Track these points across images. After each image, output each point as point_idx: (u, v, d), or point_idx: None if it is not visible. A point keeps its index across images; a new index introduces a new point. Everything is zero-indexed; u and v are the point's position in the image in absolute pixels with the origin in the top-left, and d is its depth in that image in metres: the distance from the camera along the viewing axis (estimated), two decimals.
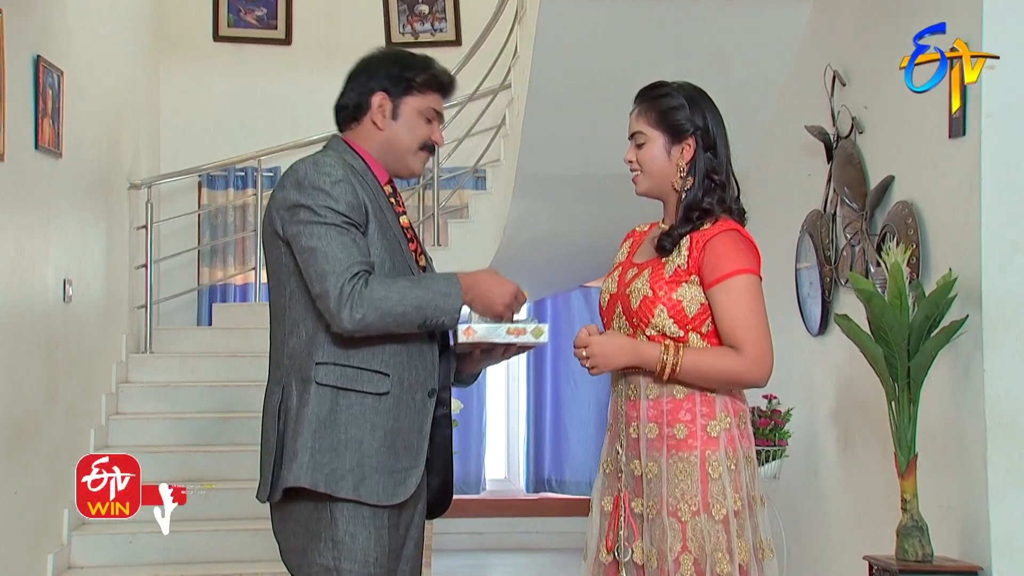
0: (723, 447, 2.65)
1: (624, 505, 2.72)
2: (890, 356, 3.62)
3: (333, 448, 2.54)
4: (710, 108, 2.78)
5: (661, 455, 2.65)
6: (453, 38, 8.27)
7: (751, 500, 2.67)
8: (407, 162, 2.74)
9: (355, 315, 2.48)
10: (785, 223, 5.60)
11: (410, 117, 2.71)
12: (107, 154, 6.04)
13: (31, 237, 4.68)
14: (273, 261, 2.64)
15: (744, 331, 2.62)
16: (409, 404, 2.62)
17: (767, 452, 5.39)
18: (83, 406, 5.57)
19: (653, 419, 2.68)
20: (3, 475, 4.37)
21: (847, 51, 4.81)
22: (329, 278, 2.49)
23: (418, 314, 2.53)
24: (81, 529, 5.38)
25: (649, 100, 2.78)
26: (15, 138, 4.42)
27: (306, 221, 2.53)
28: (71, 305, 5.28)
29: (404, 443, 2.60)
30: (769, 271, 5.98)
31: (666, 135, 2.74)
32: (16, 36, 4.44)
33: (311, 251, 2.52)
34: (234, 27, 8.20)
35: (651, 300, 2.67)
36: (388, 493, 2.57)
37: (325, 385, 2.55)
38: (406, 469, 2.60)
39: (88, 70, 5.71)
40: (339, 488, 2.53)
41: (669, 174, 2.75)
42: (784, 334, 5.84)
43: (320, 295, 2.51)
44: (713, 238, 2.67)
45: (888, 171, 4.36)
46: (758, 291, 2.69)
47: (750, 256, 2.69)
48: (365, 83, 2.71)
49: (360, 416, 2.56)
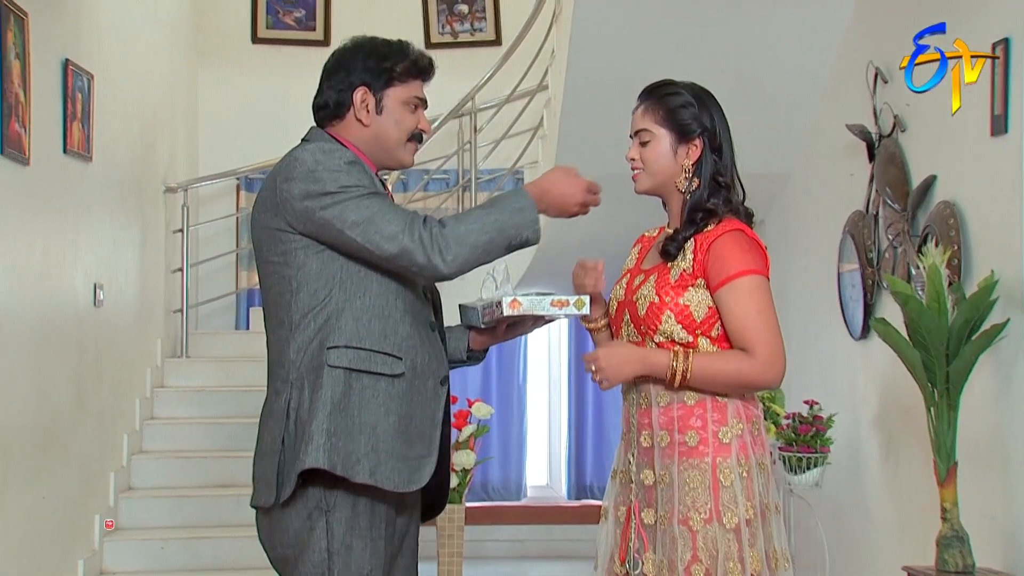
0: (735, 454, 2.61)
1: (635, 516, 2.69)
2: (928, 361, 3.55)
3: (347, 432, 2.49)
4: (717, 110, 2.75)
5: (673, 463, 2.62)
6: (493, 38, 8.25)
7: (764, 508, 2.63)
8: (396, 155, 2.69)
9: (447, 257, 2.47)
10: (827, 224, 5.53)
11: (395, 109, 2.65)
12: (141, 158, 6.07)
13: (59, 241, 4.70)
14: (275, 257, 2.58)
15: (753, 332, 2.59)
16: (421, 391, 2.59)
17: (808, 459, 5.32)
18: (116, 411, 5.60)
19: (664, 427, 2.65)
20: (31, 480, 4.39)
21: (889, 47, 4.72)
22: (401, 235, 2.46)
23: (502, 237, 2.51)
24: (113, 535, 5.41)
25: (656, 98, 2.74)
26: (42, 142, 4.45)
27: (342, 201, 2.48)
28: (102, 309, 5.30)
29: (417, 430, 2.57)
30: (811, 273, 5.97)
31: (673, 134, 2.71)
32: (43, 40, 4.46)
33: (366, 222, 2.47)
34: (272, 29, 8.23)
35: (658, 306, 2.64)
36: (404, 479, 2.53)
37: (338, 367, 2.51)
38: (420, 457, 2.57)
39: (121, 73, 5.74)
40: (355, 472, 2.48)
41: (673, 174, 2.72)
42: (826, 338, 5.78)
43: (399, 254, 2.47)
44: (717, 239, 2.64)
45: (930, 170, 4.28)
46: (765, 291, 2.64)
47: (755, 256, 2.65)
48: (344, 79, 2.64)
49: (373, 400, 2.52)
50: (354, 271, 2.55)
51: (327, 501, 2.52)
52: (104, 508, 5.38)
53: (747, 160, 6.40)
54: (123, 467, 5.70)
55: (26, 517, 4.35)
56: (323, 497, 2.52)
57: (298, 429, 2.51)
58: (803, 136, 5.98)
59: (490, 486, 8.63)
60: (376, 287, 2.56)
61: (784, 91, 5.55)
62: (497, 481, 8.64)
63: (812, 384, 6.01)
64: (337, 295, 2.54)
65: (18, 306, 4.21)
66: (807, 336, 6.23)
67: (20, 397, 4.26)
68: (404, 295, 2.59)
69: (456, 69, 7.87)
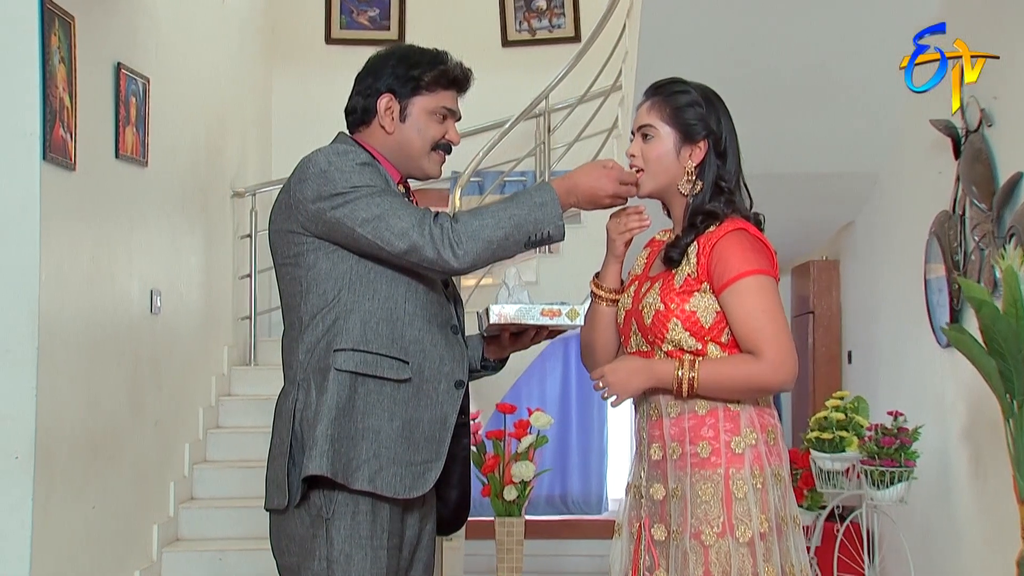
0: (748, 464, 2.57)
1: (645, 532, 2.66)
2: (1005, 370, 3.42)
3: (350, 437, 2.53)
4: (725, 114, 2.71)
5: (685, 475, 2.59)
6: (572, 35, 8.18)
7: (780, 522, 2.59)
8: (420, 165, 2.73)
9: (458, 252, 2.50)
10: (915, 226, 5.38)
11: (419, 118, 2.68)
12: (205, 162, 6.12)
13: (110, 248, 4.74)
14: (289, 259, 2.62)
15: (759, 333, 2.54)
16: (430, 394, 2.61)
17: (892, 473, 5.17)
18: (176, 420, 5.64)
19: (676, 438, 2.62)
20: (79, 489, 4.43)
21: (976, 38, 4.56)
22: (411, 231, 2.50)
23: (519, 232, 2.53)
24: (172, 545, 5.45)
25: (664, 95, 2.70)
26: (90, 147, 4.48)
27: (353, 200, 2.52)
28: (160, 316, 5.34)
29: (424, 434, 2.59)
30: (899, 277, 5.80)
31: (678, 133, 2.67)
32: (92, 44, 4.50)
33: (376, 219, 2.51)
34: (346, 29, 8.27)
35: (664, 314, 2.62)
36: (405, 486, 2.56)
37: (344, 371, 2.54)
38: (425, 462, 2.59)
39: (182, 77, 5.79)
40: (354, 479, 2.51)
41: (675, 175, 2.68)
42: (913, 346, 5.62)
43: (409, 250, 2.50)
44: (720, 240, 2.60)
45: (1018, 167, 4.12)
46: (771, 291, 2.59)
47: (760, 255, 2.60)
48: (371, 85, 2.69)
49: (378, 405, 2.55)
50: (363, 272, 2.57)
51: (327, 508, 2.54)
52: (163, 518, 5.43)
53: (833, 159, 6.31)
54: (184, 477, 5.74)
55: (75, 526, 4.39)
56: (324, 504, 2.54)
57: (303, 431, 2.54)
58: (891, 132, 5.84)
59: (570, 499, 8.56)
60: (385, 289, 2.58)
61: (870, 86, 5.41)
62: (577, 494, 8.56)
63: (898, 394, 5.84)
64: (346, 296, 2.57)
65: (64, 313, 4.25)
66: (895, 343, 6.06)
67: (67, 405, 4.30)
68: (415, 297, 2.61)
69: (533, 67, 7.87)
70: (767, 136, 5.90)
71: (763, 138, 5.90)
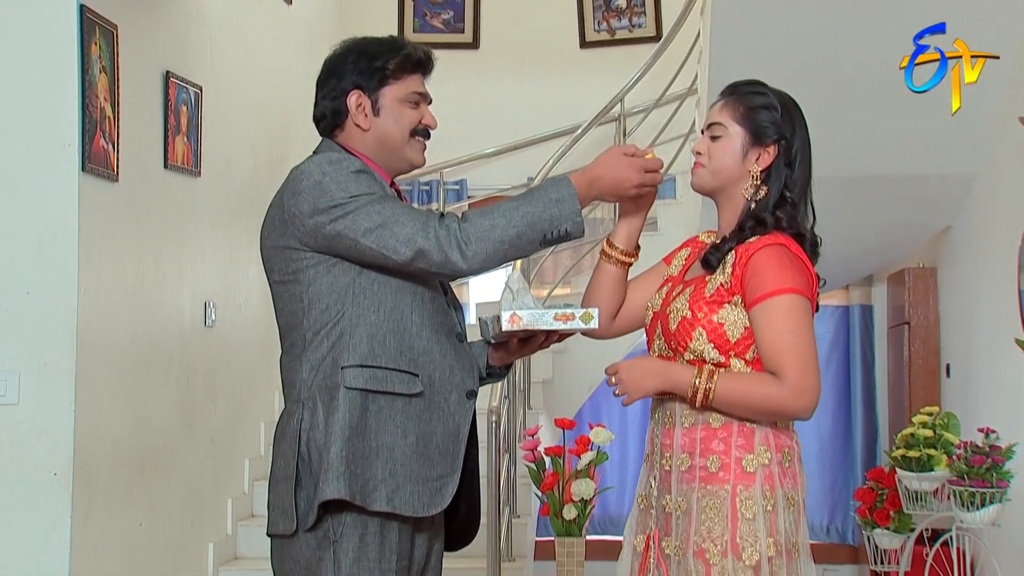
0: (759, 485, 2.51)
1: (654, 545, 2.62)
2: None
3: (364, 457, 2.51)
4: (801, 124, 2.65)
5: (692, 489, 2.54)
6: (653, 34, 8.10)
7: (791, 547, 2.52)
8: (404, 155, 2.70)
9: (467, 252, 2.48)
10: (1012, 230, 5.23)
11: (393, 108, 2.67)
12: (266, 170, 6.18)
13: (158, 260, 4.80)
14: (285, 278, 2.61)
15: (784, 357, 2.48)
16: (442, 406, 2.59)
17: (982, 494, 5.01)
18: (234, 435, 5.69)
19: (686, 449, 2.57)
20: (124, 506, 4.47)
21: None
22: (417, 236, 2.48)
23: (533, 231, 2.50)
24: (231, 564, 5.49)
25: (740, 94, 2.66)
26: (136, 158, 4.54)
27: (352, 210, 2.50)
28: (215, 329, 5.39)
29: (439, 448, 2.58)
30: (994, 286, 5.62)
31: (748, 134, 2.62)
32: (137, 53, 4.57)
33: (379, 227, 2.49)
34: (420, 32, 8.31)
35: (689, 322, 2.57)
36: (423, 503, 2.55)
37: (354, 389, 2.52)
38: (442, 476, 2.57)
39: (239, 85, 5.85)
40: (372, 500, 2.50)
41: (737, 177, 2.63)
42: (1007, 358, 5.45)
43: (417, 256, 2.48)
44: (756, 253, 2.53)
45: None
46: (803, 312, 2.52)
47: (796, 274, 2.53)
48: (336, 85, 2.68)
49: (390, 421, 2.54)
50: (367, 284, 2.56)
51: (335, 530, 2.52)
52: (220, 535, 5.47)
53: (926, 161, 6.15)
54: (244, 493, 5.78)
55: (120, 544, 4.43)
56: (331, 526, 2.52)
57: (312, 453, 2.52)
58: (987, 132, 5.69)
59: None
60: (390, 300, 2.56)
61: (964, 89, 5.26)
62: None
63: (996, 410, 5.68)
64: (350, 310, 2.55)
65: (105, 326, 4.30)
66: (991, 356, 5.89)
67: (109, 420, 4.35)
68: (421, 306, 2.59)
69: (613, 70, 7.81)
70: (853, 137, 5.78)
71: (849, 140, 5.79)
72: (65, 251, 4.07)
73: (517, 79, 8.21)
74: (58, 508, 4.03)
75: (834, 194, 6.32)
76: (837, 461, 8.24)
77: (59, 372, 4.05)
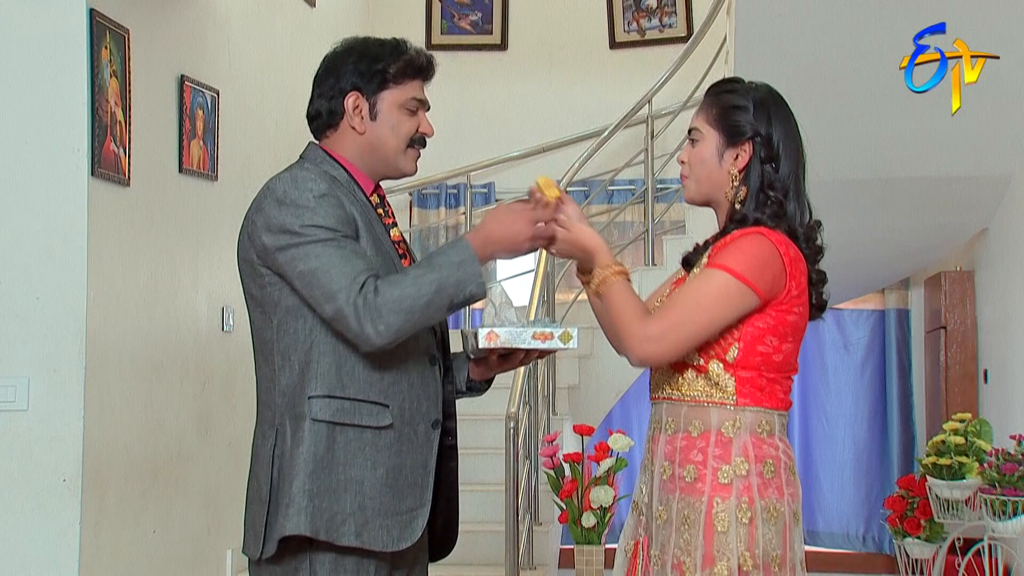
0: (735, 496, 2.46)
1: (643, 552, 2.59)
2: None
3: (332, 490, 2.46)
4: (780, 116, 2.59)
5: (673, 499, 2.52)
6: (684, 34, 8.07)
7: (769, 562, 2.46)
8: (396, 163, 2.66)
9: (379, 328, 2.40)
10: None
11: (391, 114, 2.62)
12: None
13: (172, 265, 4.83)
14: (255, 291, 2.58)
15: (668, 310, 2.48)
16: (412, 438, 2.55)
17: (1015, 503, 4.96)
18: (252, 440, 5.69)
19: (668, 457, 2.55)
20: (136, 514, 4.51)
21: None
22: (339, 296, 2.41)
23: (441, 296, 2.44)
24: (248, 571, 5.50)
25: (714, 96, 2.64)
26: (148, 162, 4.57)
27: (296, 245, 2.45)
28: (233, 334, 5.42)
29: (408, 481, 2.54)
30: None
31: (722, 135, 2.59)
32: (150, 57, 4.60)
33: (311, 273, 2.44)
34: (448, 34, 8.33)
35: None
36: (393, 538, 2.50)
37: (320, 421, 2.47)
38: (411, 510, 2.53)
39: (259, 89, 5.88)
40: (340, 535, 2.45)
41: (720, 181, 2.60)
42: None
43: (335, 317, 2.43)
44: (726, 238, 2.53)
45: None
46: (724, 294, 2.45)
47: (749, 261, 2.46)
48: (334, 85, 2.64)
49: (359, 453, 2.48)
50: None
51: (311, 564, 2.48)
52: (238, 542, 5.46)
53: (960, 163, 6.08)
54: None
55: (132, 551, 4.46)
56: (308, 557, 2.48)
57: (281, 482, 2.47)
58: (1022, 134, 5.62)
59: None
60: None
61: (997, 80, 5.19)
62: None
63: None
64: (319, 336, 2.50)
65: (117, 331, 4.33)
66: None
67: (121, 426, 4.38)
68: None
69: (644, 70, 7.79)
70: (884, 138, 5.73)
71: (879, 140, 5.74)
72: (74, 256, 4.10)
73: (546, 81, 8.21)
74: (67, 515, 4.07)
75: (868, 196, 6.31)
76: (873, 469, 8.15)
77: (69, 378, 4.08)
